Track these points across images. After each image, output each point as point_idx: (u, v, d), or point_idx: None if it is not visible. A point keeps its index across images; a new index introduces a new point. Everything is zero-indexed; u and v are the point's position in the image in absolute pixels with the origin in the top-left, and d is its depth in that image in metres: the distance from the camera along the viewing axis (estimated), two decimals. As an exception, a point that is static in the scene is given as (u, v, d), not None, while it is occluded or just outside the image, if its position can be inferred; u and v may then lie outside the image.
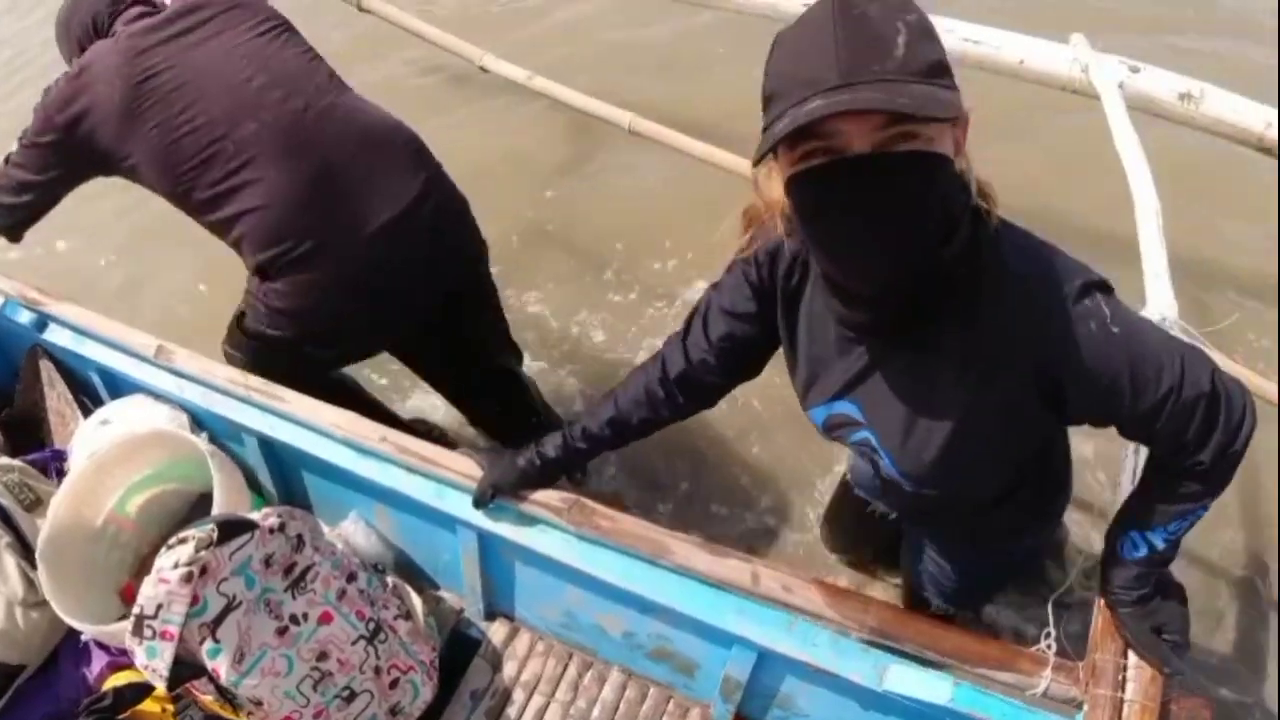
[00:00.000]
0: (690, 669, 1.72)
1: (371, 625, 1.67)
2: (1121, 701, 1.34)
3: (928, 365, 1.14)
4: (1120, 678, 1.35)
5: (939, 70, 0.89)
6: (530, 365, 2.67)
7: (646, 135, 2.03)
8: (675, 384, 1.45)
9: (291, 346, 1.86)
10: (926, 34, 0.90)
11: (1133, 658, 1.35)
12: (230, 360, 1.94)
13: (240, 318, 1.91)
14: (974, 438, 1.18)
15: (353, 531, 1.83)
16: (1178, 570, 1.36)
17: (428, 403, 2.63)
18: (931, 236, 0.97)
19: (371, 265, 1.78)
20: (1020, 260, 1.05)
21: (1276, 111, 2.02)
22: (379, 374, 2.74)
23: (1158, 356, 1.06)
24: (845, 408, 1.26)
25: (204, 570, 1.49)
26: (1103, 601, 1.38)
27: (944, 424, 1.17)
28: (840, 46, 0.87)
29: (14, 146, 1.89)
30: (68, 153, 1.81)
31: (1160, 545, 1.25)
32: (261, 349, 1.89)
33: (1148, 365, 1.06)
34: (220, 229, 1.81)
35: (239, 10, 1.83)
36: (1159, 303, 1.72)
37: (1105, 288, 1.07)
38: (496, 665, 1.82)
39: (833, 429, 1.31)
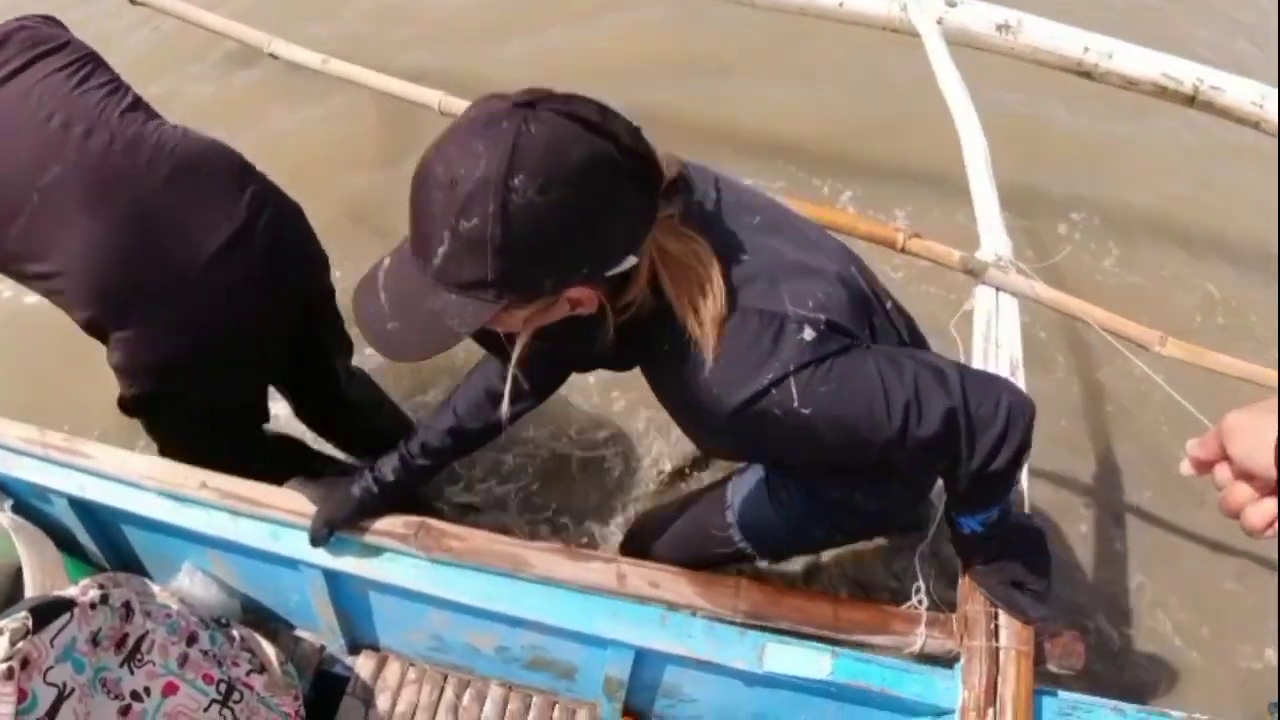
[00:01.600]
0: (570, 672, 1.66)
1: (222, 687, 1.54)
2: (997, 650, 1.36)
3: (655, 375, 1.18)
4: (993, 626, 1.37)
5: (474, 286, 0.87)
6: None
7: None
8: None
9: (178, 399, 1.71)
10: (473, 250, 0.85)
11: (1002, 604, 1.37)
12: (169, 451, 1.76)
13: (120, 400, 1.73)
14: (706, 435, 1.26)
15: (189, 585, 1.69)
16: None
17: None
18: (545, 361, 1.11)
19: (212, 299, 1.63)
20: (707, 362, 1.02)
21: (1093, 35, 2.04)
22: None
23: (867, 418, 1.03)
24: None
25: (25, 663, 1.33)
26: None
27: (683, 416, 1.22)
28: (411, 218, 0.90)
29: None
30: None
31: (979, 528, 1.24)
32: (164, 417, 1.76)
33: (854, 429, 1.03)
34: (38, 284, 1.62)
35: (37, 53, 1.63)
36: (992, 242, 1.72)
37: (799, 368, 1.00)
38: (369, 700, 1.72)
39: None
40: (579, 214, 0.86)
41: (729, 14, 2.42)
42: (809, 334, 1.01)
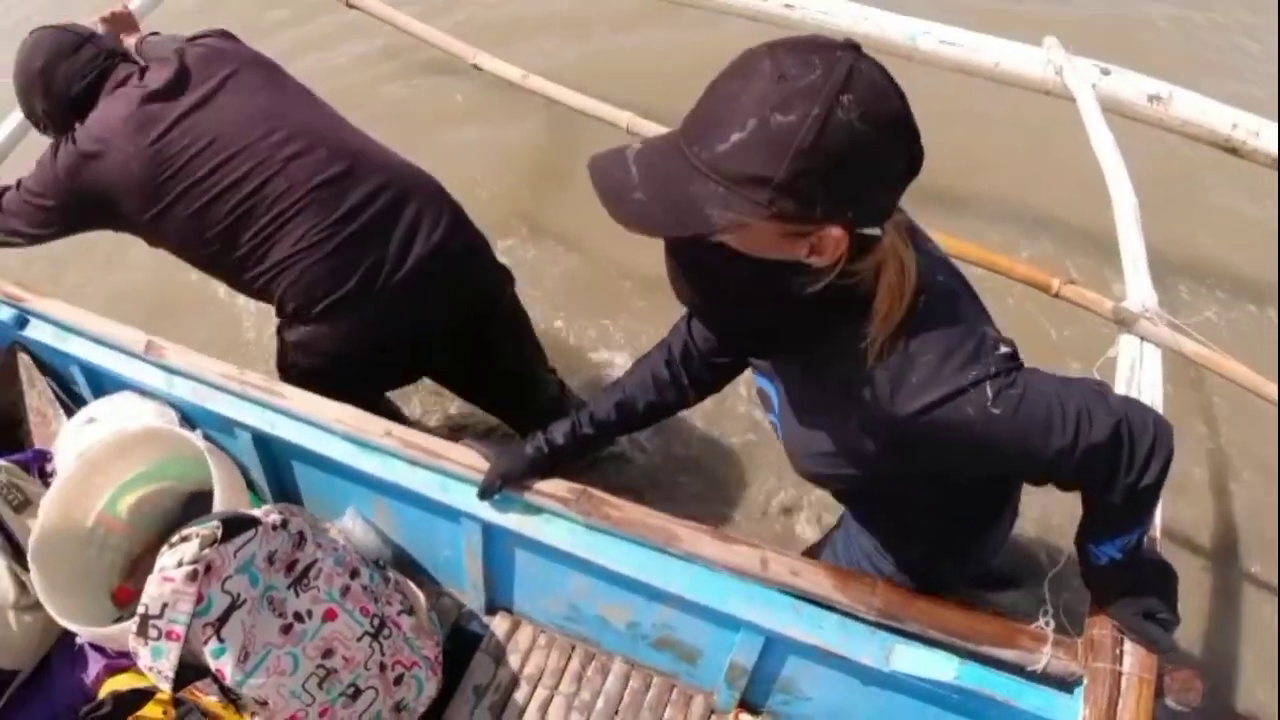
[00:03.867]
0: (694, 657, 1.74)
1: (376, 621, 1.66)
2: (1119, 675, 1.38)
3: (809, 377, 1.23)
4: (1118, 651, 1.39)
5: (753, 183, 0.87)
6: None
7: (645, 136, 2.04)
8: (681, 365, 1.50)
9: (338, 378, 1.89)
10: (775, 144, 0.86)
11: (1128, 631, 1.41)
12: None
13: (284, 367, 1.95)
14: (840, 451, 1.25)
15: (351, 528, 1.82)
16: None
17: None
18: (726, 301, 1.09)
19: (403, 305, 1.83)
20: (915, 339, 1.06)
21: (1242, 113, 2.11)
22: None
23: (1045, 425, 1.07)
24: (765, 384, 1.35)
25: (209, 568, 1.46)
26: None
27: (815, 432, 1.26)
28: (701, 104, 0.92)
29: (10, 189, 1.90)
30: (75, 216, 1.85)
31: (1118, 555, 1.27)
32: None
33: (1033, 436, 1.07)
34: (251, 285, 1.85)
35: (241, 70, 1.84)
36: (1138, 293, 1.79)
37: (996, 374, 1.05)
38: (499, 659, 1.82)
39: (761, 401, 1.40)
40: (876, 157, 0.89)
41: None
42: (1005, 349, 1.09)
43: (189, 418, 1.88)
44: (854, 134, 0.86)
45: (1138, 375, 1.69)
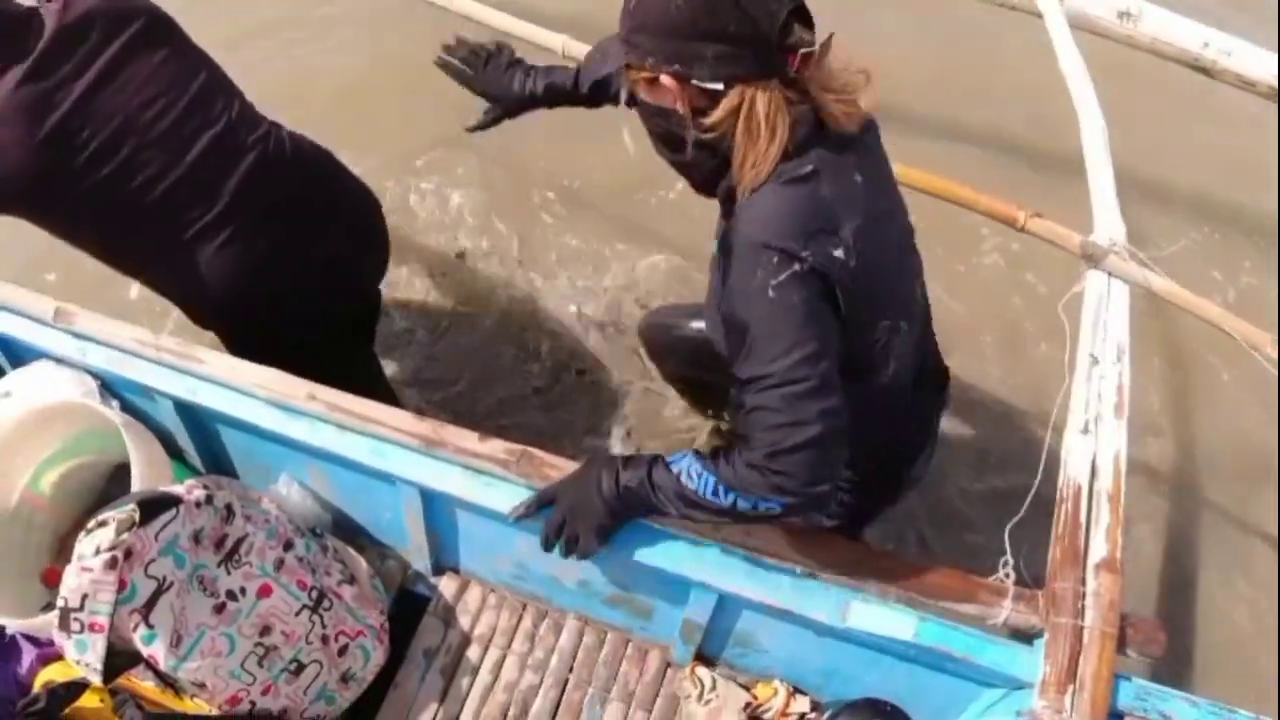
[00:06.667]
0: (648, 612, 1.69)
1: (314, 594, 1.59)
2: (1081, 629, 1.36)
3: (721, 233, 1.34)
4: (1079, 605, 1.37)
5: (621, 39, 1.17)
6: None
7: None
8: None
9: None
10: (623, 10, 1.15)
11: (1091, 584, 1.37)
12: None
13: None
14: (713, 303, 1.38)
15: (286, 494, 1.73)
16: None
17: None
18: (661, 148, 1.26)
19: (320, 277, 1.80)
20: (761, 205, 1.17)
21: (1214, 31, 2.01)
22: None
23: (781, 342, 1.14)
24: None
25: (129, 554, 1.37)
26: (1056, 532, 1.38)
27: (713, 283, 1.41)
28: None
29: None
30: None
31: (684, 480, 1.30)
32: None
33: (765, 338, 1.16)
34: (169, 282, 1.78)
35: (128, 32, 1.59)
36: (1106, 225, 1.71)
37: (807, 272, 1.14)
38: (448, 621, 1.77)
39: None
40: (692, 23, 1.07)
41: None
42: (838, 252, 1.16)
43: (109, 386, 1.76)
44: (668, 5, 1.08)
45: (1104, 313, 1.62)
